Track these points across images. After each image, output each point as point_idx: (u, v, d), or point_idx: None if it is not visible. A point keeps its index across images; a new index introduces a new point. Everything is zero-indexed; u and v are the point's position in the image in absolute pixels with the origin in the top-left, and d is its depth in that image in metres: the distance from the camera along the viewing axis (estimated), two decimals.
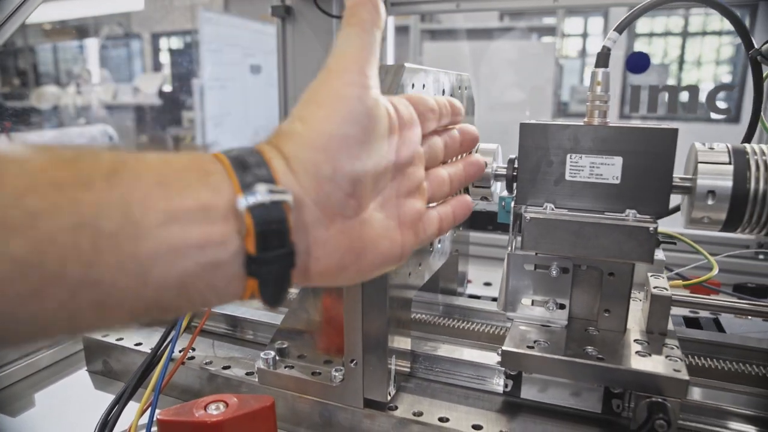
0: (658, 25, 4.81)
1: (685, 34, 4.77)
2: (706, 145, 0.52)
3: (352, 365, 0.56)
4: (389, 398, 0.57)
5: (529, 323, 0.60)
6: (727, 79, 4.74)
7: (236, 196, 0.28)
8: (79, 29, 4.54)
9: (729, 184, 0.49)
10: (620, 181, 0.53)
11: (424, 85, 0.55)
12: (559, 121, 0.55)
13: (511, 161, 0.58)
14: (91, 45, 4.64)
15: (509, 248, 0.60)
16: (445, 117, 0.44)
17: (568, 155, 0.54)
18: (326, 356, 0.63)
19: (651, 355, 0.53)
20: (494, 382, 0.61)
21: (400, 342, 0.59)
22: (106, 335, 0.73)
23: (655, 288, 0.59)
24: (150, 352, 0.61)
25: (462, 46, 3.43)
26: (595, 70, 0.55)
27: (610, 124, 0.53)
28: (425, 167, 0.41)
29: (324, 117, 0.32)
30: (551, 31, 4.50)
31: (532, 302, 0.60)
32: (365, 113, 0.33)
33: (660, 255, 0.70)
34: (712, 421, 0.56)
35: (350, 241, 0.34)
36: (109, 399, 0.58)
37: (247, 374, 0.65)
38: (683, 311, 0.81)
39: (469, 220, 0.58)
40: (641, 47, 4.83)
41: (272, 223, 0.29)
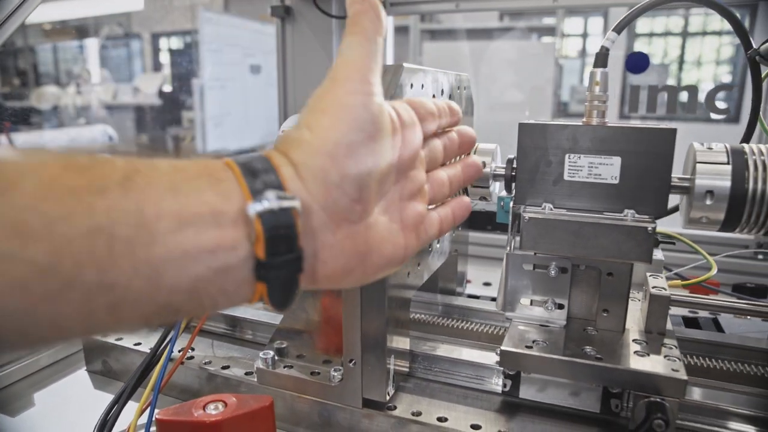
0: (658, 25, 4.81)
1: (685, 34, 4.77)
2: (705, 145, 0.52)
3: (350, 365, 0.56)
4: (388, 398, 0.57)
5: (528, 323, 0.60)
6: (727, 79, 4.73)
7: (246, 203, 0.29)
8: (79, 29, 4.54)
9: (727, 184, 0.49)
10: (619, 181, 0.53)
11: (422, 85, 0.55)
12: (558, 121, 0.55)
13: (510, 161, 0.58)
14: (91, 45, 4.64)
15: (508, 248, 0.60)
16: (444, 120, 0.44)
17: (567, 155, 0.54)
18: (325, 356, 0.63)
19: (649, 355, 0.53)
20: (493, 382, 0.61)
21: (399, 342, 0.59)
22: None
23: (653, 288, 0.59)
24: (149, 352, 0.61)
25: (462, 46, 3.44)
26: (594, 70, 0.55)
27: (609, 124, 0.53)
28: (425, 170, 0.42)
29: (330, 125, 0.33)
30: (551, 31, 4.50)
31: (531, 302, 0.60)
32: (370, 120, 0.34)
33: (659, 255, 0.70)
34: (711, 420, 0.56)
35: (356, 245, 0.34)
36: (108, 399, 0.58)
37: (246, 374, 0.65)
38: (682, 311, 0.81)
39: (468, 220, 0.58)
40: (641, 47, 4.83)
41: (281, 229, 0.30)
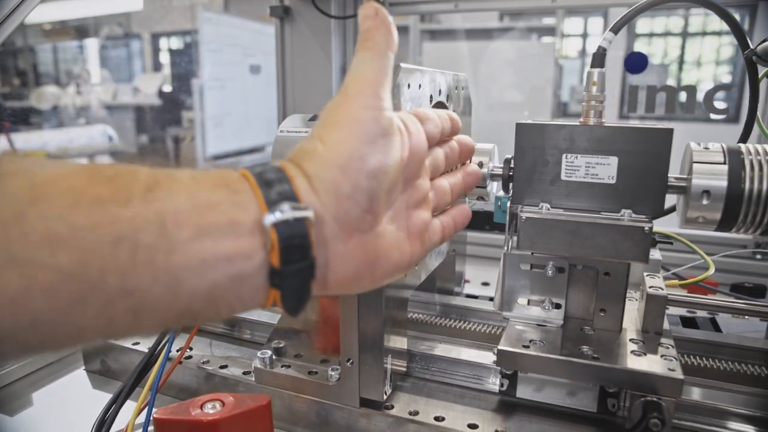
0: (658, 25, 4.81)
1: (684, 35, 4.77)
2: (701, 144, 0.52)
3: (348, 364, 0.56)
4: (385, 397, 0.57)
5: (525, 323, 0.60)
6: (726, 79, 4.74)
7: (262, 214, 0.30)
8: (79, 29, 4.54)
9: (724, 183, 0.49)
10: (616, 181, 0.53)
11: (420, 86, 0.55)
12: (555, 121, 0.55)
13: (508, 161, 0.58)
14: (91, 45, 4.64)
15: (505, 248, 0.60)
16: (445, 129, 0.46)
17: (564, 155, 0.54)
18: (323, 355, 0.63)
19: (646, 355, 0.53)
20: (490, 382, 0.61)
21: (397, 341, 0.60)
22: None
23: (650, 287, 0.59)
24: (147, 351, 0.61)
25: (462, 47, 3.44)
26: (591, 70, 0.55)
27: (606, 124, 0.53)
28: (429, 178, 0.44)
29: (343, 138, 0.34)
30: (551, 31, 4.50)
31: (528, 302, 0.60)
32: (381, 134, 0.35)
33: (656, 255, 0.70)
34: (708, 420, 0.56)
35: (365, 253, 0.36)
36: (106, 398, 0.58)
37: (244, 373, 0.65)
38: (680, 311, 0.82)
39: None
40: (641, 47, 4.83)
41: (295, 239, 0.31)
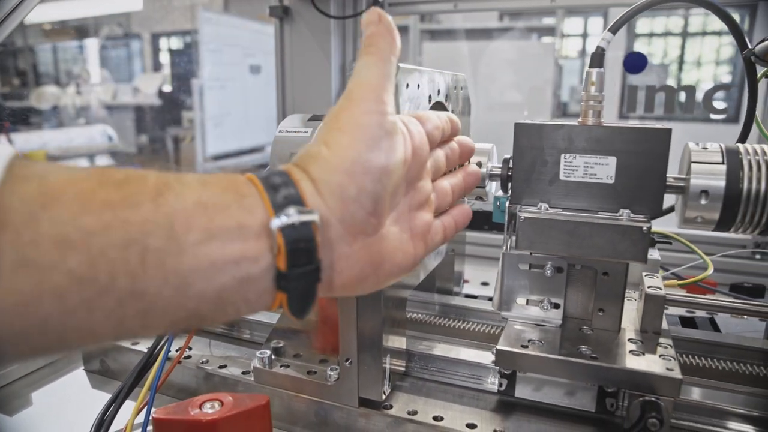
0: (658, 25, 4.81)
1: (684, 35, 4.77)
2: (700, 144, 0.52)
3: (347, 364, 0.56)
4: (384, 397, 0.57)
5: (524, 322, 0.60)
6: (727, 79, 4.73)
7: (269, 218, 0.31)
8: (79, 29, 4.54)
9: (722, 183, 0.49)
10: (614, 181, 0.53)
11: (418, 86, 0.55)
12: (554, 121, 0.55)
13: (506, 161, 0.58)
14: (91, 45, 4.64)
15: (504, 248, 0.60)
16: (446, 131, 0.47)
17: (563, 155, 0.54)
18: (322, 355, 0.63)
19: (645, 355, 0.53)
20: (489, 381, 0.61)
21: (395, 341, 0.60)
22: None
23: (649, 287, 0.59)
24: (147, 351, 0.61)
25: (462, 47, 3.44)
26: (590, 70, 0.55)
27: (604, 124, 0.53)
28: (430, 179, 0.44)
29: (347, 143, 0.35)
30: (551, 31, 4.50)
31: (527, 301, 0.61)
32: (385, 138, 0.36)
33: (655, 254, 0.71)
34: (707, 420, 0.56)
35: (370, 255, 0.36)
36: (106, 398, 0.58)
37: (243, 373, 0.65)
38: (680, 311, 0.82)
39: None
40: (641, 47, 4.83)
41: (301, 242, 0.31)
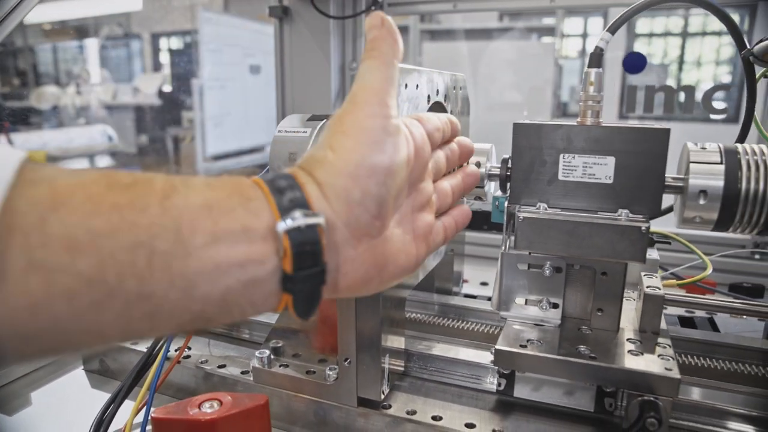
0: (658, 25, 4.81)
1: (684, 35, 4.77)
2: (698, 144, 0.52)
3: (345, 364, 0.56)
4: (383, 397, 0.57)
5: (523, 322, 0.60)
6: (727, 79, 4.73)
7: (275, 220, 0.31)
8: (79, 29, 4.54)
9: (720, 183, 0.49)
10: (613, 181, 0.53)
11: (417, 86, 0.55)
12: (553, 121, 0.55)
13: (505, 161, 0.58)
14: (91, 45, 4.64)
15: (503, 248, 0.60)
16: (446, 132, 0.47)
17: (561, 155, 0.54)
18: (321, 355, 0.63)
19: (643, 354, 0.53)
20: (488, 381, 0.61)
21: (394, 341, 0.60)
22: None
23: (647, 287, 0.59)
24: (146, 351, 0.61)
25: (462, 47, 3.44)
26: (588, 71, 0.55)
27: (603, 124, 0.53)
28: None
29: (352, 147, 0.35)
30: (551, 31, 4.50)
31: (526, 301, 0.61)
32: (388, 140, 0.36)
33: (654, 254, 0.71)
34: (706, 420, 0.56)
35: (375, 257, 0.37)
36: (105, 398, 0.58)
37: (243, 373, 0.65)
38: (679, 311, 0.82)
39: None
40: (641, 48, 4.83)
41: (307, 245, 0.32)
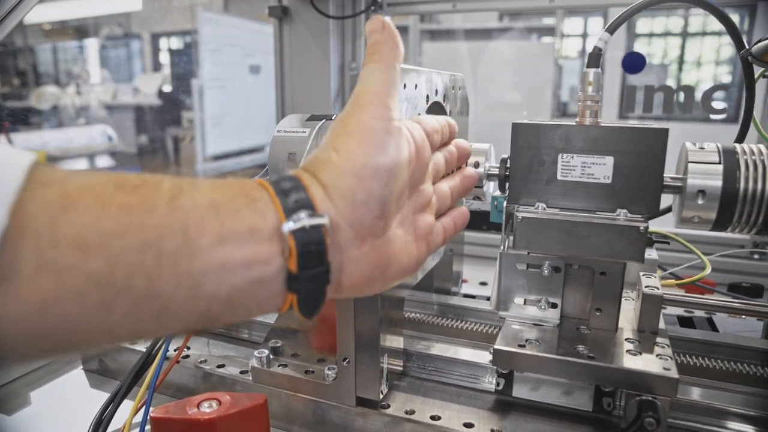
0: (658, 25, 4.81)
1: (684, 35, 4.77)
2: (697, 144, 0.52)
3: (344, 364, 0.56)
4: (381, 396, 0.57)
5: (522, 322, 0.60)
6: (727, 79, 4.73)
7: (281, 221, 0.32)
8: (79, 29, 4.54)
9: (719, 183, 0.49)
10: (611, 181, 0.53)
11: (416, 86, 0.55)
12: (552, 121, 0.55)
13: (504, 161, 0.58)
14: (91, 45, 4.64)
15: (502, 247, 0.60)
16: (444, 135, 0.48)
17: (560, 155, 0.54)
18: (320, 355, 0.64)
19: (642, 354, 0.53)
20: (486, 381, 0.61)
21: (393, 341, 0.60)
22: None
23: (646, 287, 0.59)
24: (145, 351, 0.61)
25: (461, 47, 3.44)
26: (587, 71, 0.55)
27: (602, 124, 0.53)
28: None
29: (355, 148, 0.36)
30: (551, 31, 4.50)
31: (525, 301, 0.61)
32: (391, 141, 0.37)
33: (653, 254, 0.71)
34: (705, 420, 0.56)
35: (378, 257, 0.37)
36: (104, 397, 0.58)
37: (242, 373, 0.65)
38: (678, 311, 0.82)
39: None
40: (641, 48, 4.83)
41: (312, 245, 0.32)
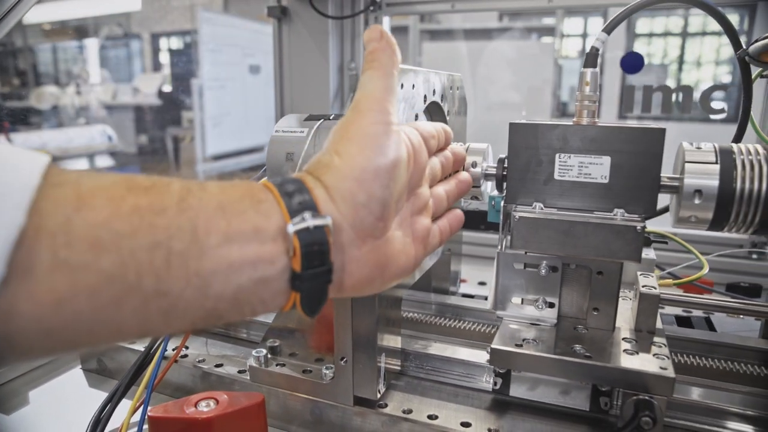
0: (658, 25, 4.81)
1: (684, 35, 4.77)
2: (694, 144, 0.52)
3: (342, 363, 0.56)
4: (379, 396, 0.57)
5: (519, 322, 0.60)
6: (726, 79, 4.73)
7: (285, 222, 0.33)
8: (79, 29, 4.55)
9: (715, 183, 0.49)
10: (608, 181, 0.53)
11: (413, 86, 0.55)
12: (549, 120, 0.55)
13: (501, 161, 0.58)
14: (91, 45, 4.65)
15: (499, 247, 0.60)
16: (440, 140, 0.50)
17: (557, 155, 0.54)
18: (317, 354, 0.64)
19: (638, 354, 0.54)
20: (484, 380, 0.61)
21: (390, 340, 0.60)
22: None
23: (643, 287, 0.59)
24: (143, 350, 0.61)
25: (461, 47, 3.44)
26: (584, 70, 0.55)
27: (599, 124, 0.54)
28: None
29: (357, 152, 0.37)
30: (550, 31, 4.50)
31: (522, 301, 0.61)
32: (390, 146, 0.38)
33: (651, 254, 0.71)
34: (702, 419, 0.56)
35: (378, 258, 0.39)
36: (102, 397, 0.58)
37: (240, 372, 0.65)
38: (676, 310, 0.82)
39: None
40: (640, 48, 4.82)
41: (315, 245, 0.33)
